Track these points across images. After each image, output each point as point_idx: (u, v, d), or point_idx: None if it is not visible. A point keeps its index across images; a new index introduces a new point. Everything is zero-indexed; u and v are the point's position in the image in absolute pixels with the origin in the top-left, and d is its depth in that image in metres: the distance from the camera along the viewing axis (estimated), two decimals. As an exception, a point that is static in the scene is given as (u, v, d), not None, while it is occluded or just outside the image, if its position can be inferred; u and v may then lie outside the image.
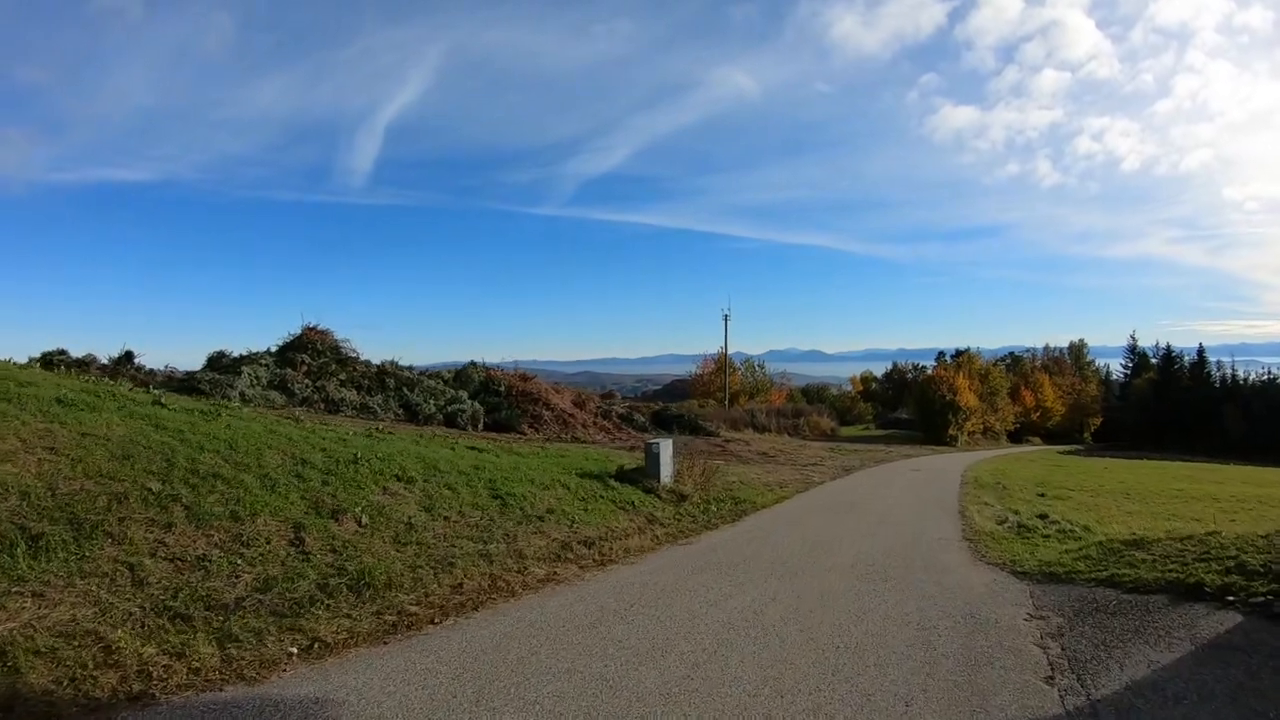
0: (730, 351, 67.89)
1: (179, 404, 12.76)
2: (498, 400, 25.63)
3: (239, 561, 6.74)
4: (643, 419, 31.65)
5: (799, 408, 55.95)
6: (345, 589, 6.75)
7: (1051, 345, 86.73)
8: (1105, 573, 7.76)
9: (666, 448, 14.11)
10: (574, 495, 12.14)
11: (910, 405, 63.44)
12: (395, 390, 23.84)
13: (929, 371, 67.09)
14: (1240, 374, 70.15)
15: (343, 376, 23.17)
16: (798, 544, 10.19)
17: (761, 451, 28.74)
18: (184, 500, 7.46)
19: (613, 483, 13.33)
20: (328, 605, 6.32)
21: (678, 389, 70.47)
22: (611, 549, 9.70)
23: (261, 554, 7.08)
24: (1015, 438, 63.48)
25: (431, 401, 23.99)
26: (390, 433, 16.24)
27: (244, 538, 7.25)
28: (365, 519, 8.79)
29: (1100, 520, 13.99)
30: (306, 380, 22.26)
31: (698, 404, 49.82)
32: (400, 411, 22.99)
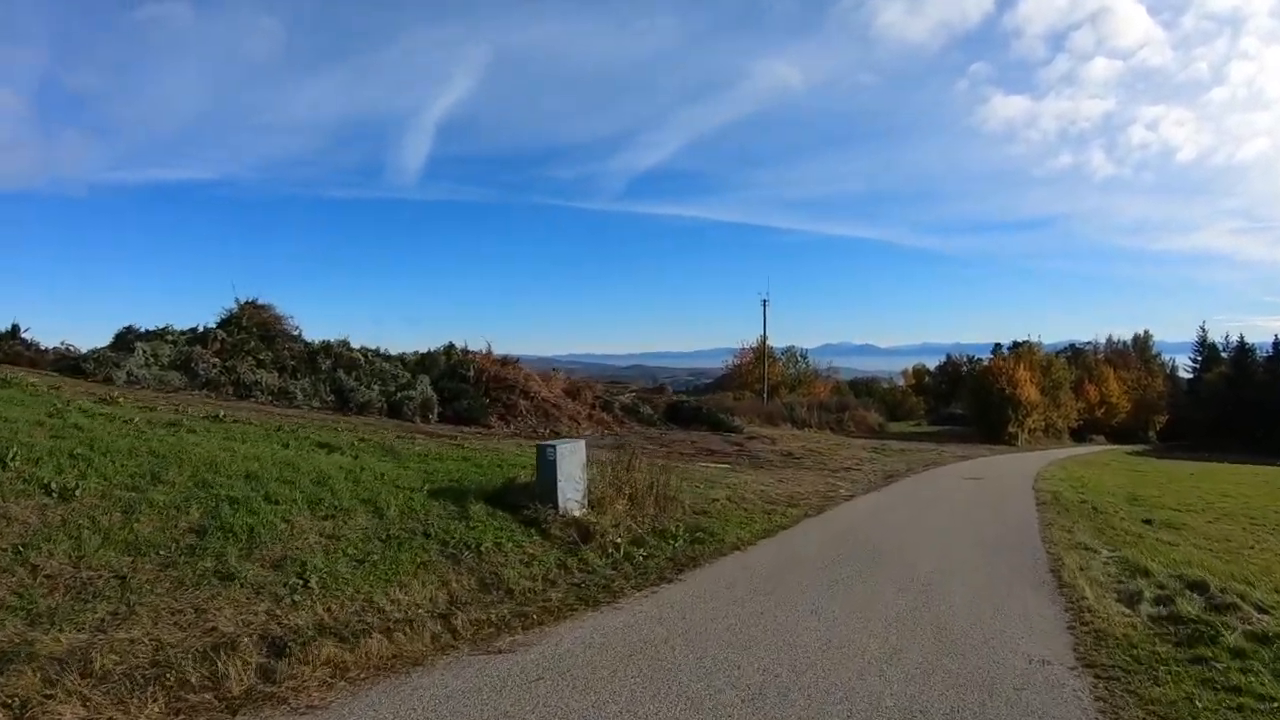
0: (781, 345, 61.87)
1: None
2: (463, 387, 20.46)
3: None
4: (651, 412, 26.16)
5: (844, 401, 49.44)
6: None
7: (1114, 337, 77.62)
8: None
9: (571, 454, 8.65)
10: (379, 530, 7.00)
11: (966, 399, 56.16)
12: (329, 373, 18.89)
13: (985, 363, 59.54)
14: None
15: (263, 356, 18.33)
16: (710, 682, 4.64)
17: (787, 452, 22.96)
18: None
19: (476, 507, 8.01)
20: None
21: (727, 382, 64.62)
22: (310, 663, 4.58)
23: None
24: (1077, 435, 55.83)
25: (377, 387, 18.98)
26: (232, 419, 11.23)
27: None
28: None
29: (1276, 588, 8.06)
30: (216, 360, 17.53)
31: (732, 396, 43.80)
32: (332, 398, 18.06)
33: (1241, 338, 68.04)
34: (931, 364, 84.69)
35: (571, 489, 8.51)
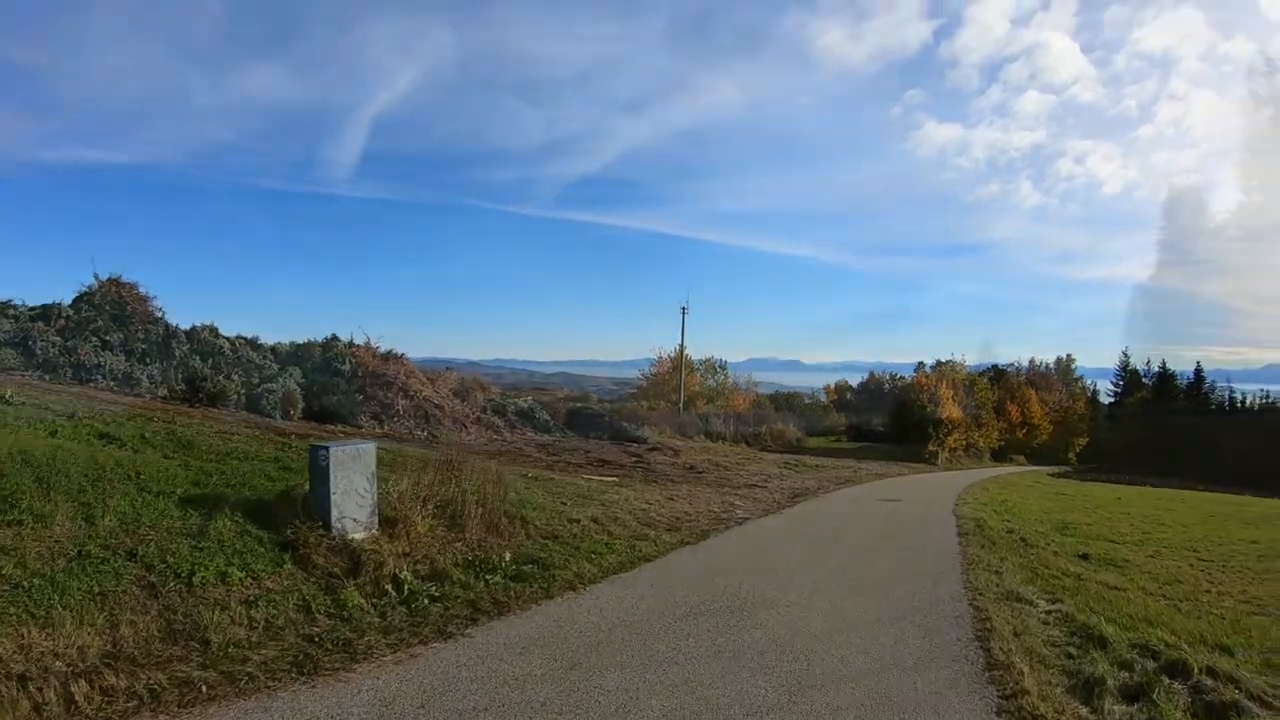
0: (707, 357, 60.11)
1: None
2: (336, 382, 17.93)
3: None
4: (548, 418, 23.92)
5: (762, 414, 47.99)
6: None
7: (1037, 360, 78.62)
8: None
9: (354, 459, 6.54)
10: (73, 543, 5.49)
11: (887, 416, 55.39)
12: (183, 360, 16.23)
13: (907, 380, 58.88)
14: (1238, 397, 62.65)
15: (111, 337, 15.71)
16: None
17: (689, 465, 20.95)
18: None
19: (225, 522, 6.09)
20: None
21: (646, 392, 62.66)
22: None
23: None
24: (997, 456, 55.61)
25: (237, 377, 16.52)
26: (20, 402, 9.13)
27: None
28: None
29: (1259, 653, 6.21)
30: (57, 339, 14.87)
31: (646, 406, 41.84)
32: (183, 387, 15.53)
33: (1164, 364, 69.64)
34: (855, 381, 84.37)
35: (353, 505, 6.30)
